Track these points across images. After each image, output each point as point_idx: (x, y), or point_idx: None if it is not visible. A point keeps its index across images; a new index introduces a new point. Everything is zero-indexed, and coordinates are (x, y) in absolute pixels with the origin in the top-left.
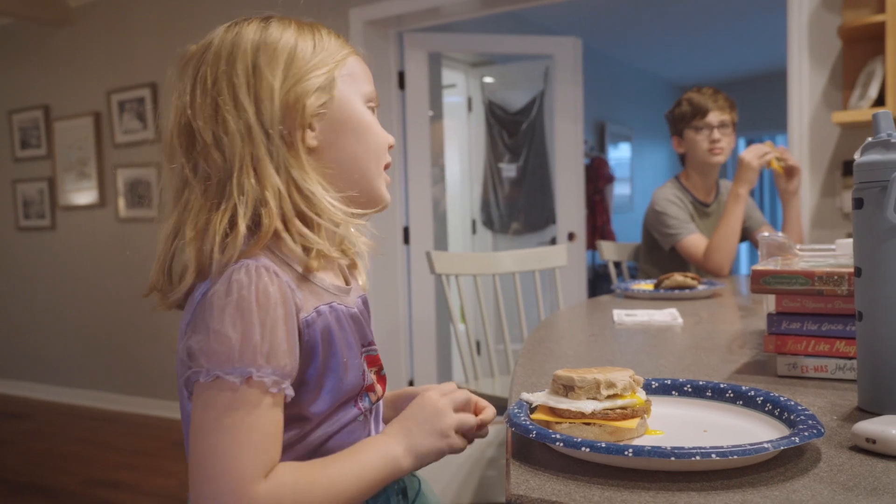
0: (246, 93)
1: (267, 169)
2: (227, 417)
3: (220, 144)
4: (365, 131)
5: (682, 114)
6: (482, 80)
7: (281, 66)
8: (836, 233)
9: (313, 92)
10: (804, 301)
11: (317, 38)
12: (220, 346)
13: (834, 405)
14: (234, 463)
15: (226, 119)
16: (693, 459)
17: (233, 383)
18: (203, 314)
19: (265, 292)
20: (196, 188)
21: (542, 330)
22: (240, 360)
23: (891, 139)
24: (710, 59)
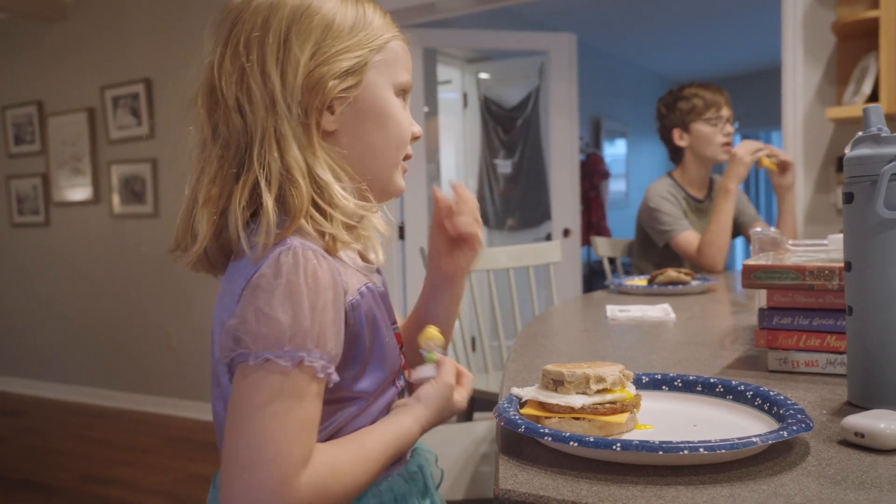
0: (274, 63)
1: (291, 146)
2: (275, 403)
3: (242, 111)
4: (388, 120)
5: (692, 107)
6: (477, 77)
7: (311, 42)
8: (830, 228)
9: (339, 74)
10: (795, 296)
11: (360, 16)
12: (269, 329)
13: (824, 399)
14: (280, 452)
15: (251, 87)
16: (681, 454)
17: (284, 367)
18: (251, 298)
19: (314, 275)
20: (213, 152)
21: (535, 325)
22: (291, 343)
23: (881, 133)
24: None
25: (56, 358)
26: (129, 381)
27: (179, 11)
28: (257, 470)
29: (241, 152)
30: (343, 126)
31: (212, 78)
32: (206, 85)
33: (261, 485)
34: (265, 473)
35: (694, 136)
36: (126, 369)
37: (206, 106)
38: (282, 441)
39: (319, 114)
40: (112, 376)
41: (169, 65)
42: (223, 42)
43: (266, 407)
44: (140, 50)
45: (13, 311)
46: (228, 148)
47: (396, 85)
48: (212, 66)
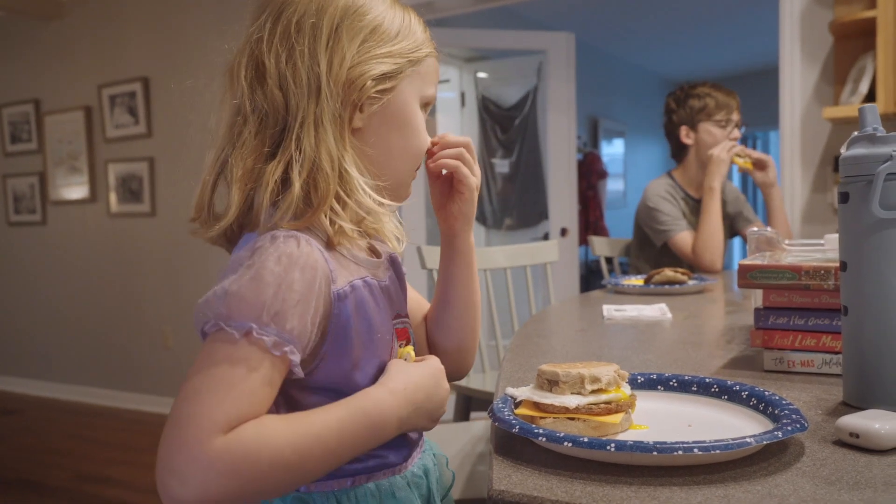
0: (324, 50)
1: (327, 134)
2: (215, 367)
3: (286, 90)
4: (411, 131)
5: (703, 106)
6: (475, 76)
7: (360, 38)
8: (827, 228)
9: (378, 76)
10: (791, 296)
11: (405, 24)
12: (228, 301)
13: (819, 399)
14: (201, 411)
15: (298, 68)
16: (675, 454)
17: (231, 335)
18: (224, 274)
19: (288, 256)
20: (251, 125)
21: (531, 325)
22: (241, 314)
23: (876, 133)
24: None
25: (52, 357)
26: (125, 380)
27: (177, 10)
28: (178, 426)
29: (279, 131)
30: (369, 126)
31: (258, 52)
32: (250, 58)
33: (177, 441)
34: (182, 430)
35: (701, 136)
36: (122, 368)
37: (248, 79)
38: (207, 401)
39: (353, 109)
40: (108, 375)
41: (166, 63)
42: (273, 19)
43: (205, 370)
44: (137, 48)
45: (9, 310)
46: (266, 125)
47: (423, 98)
48: (260, 40)
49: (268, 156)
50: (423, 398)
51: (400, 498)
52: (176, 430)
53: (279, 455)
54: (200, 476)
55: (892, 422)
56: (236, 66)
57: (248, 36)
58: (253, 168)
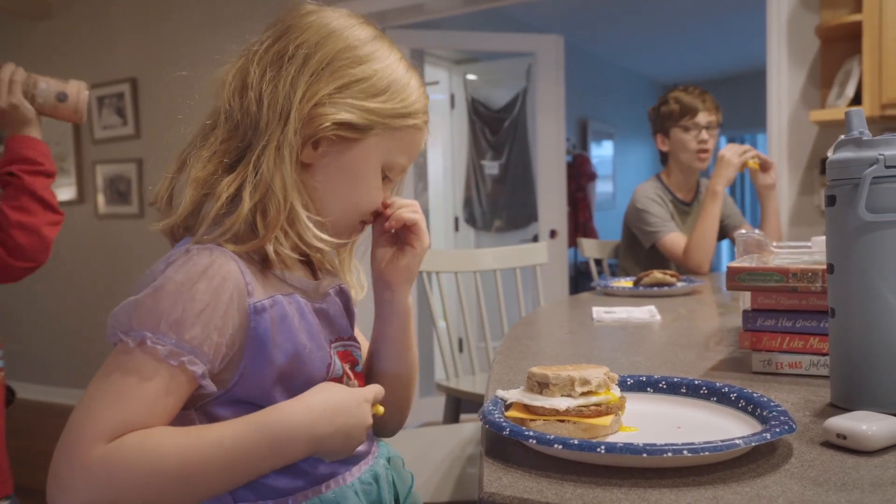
0: (306, 81)
1: (284, 161)
2: (107, 377)
3: (261, 108)
4: (360, 186)
5: (669, 112)
6: (465, 78)
7: (339, 82)
8: (815, 230)
9: (340, 121)
10: (779, 298)
11: (399, 89)
12: (128, 311)
13: (807, 401)
14: (87, 419)
15: (277, 90)
16: (665, 456)
17: (126, 344)
18: (138, 284)
19: (196, 266)
20: (221, 131)
21: (521, 327)
22: (139, 323)
23: (862, 137)
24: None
25: (40, 359)
26: None
27: (165, 11)
28: (65, 433)
29: (244, 147)
30: (319, 165)
31: (250, 65)
32: (241, 68)
33: (61, 447)
34: (66, 437)
35: (672, 142)
36: None
37: (233, 86)
38: (94, 410)
39: (305, 142)
40: None
41: (155, 65)
42: (275, 38)
43: (98, 380)
44: (126, 49)
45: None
46: (235, 136)
47: (387, 164)
48: (255, 53)
49: (227, 167)
50: (342, 421)
51: None
52: (63, 436)
53: (162, 466)
54: (78, 483)
55: (879, 423)
56: (228, 70)
57: (248, 45)
58: (212, 174)
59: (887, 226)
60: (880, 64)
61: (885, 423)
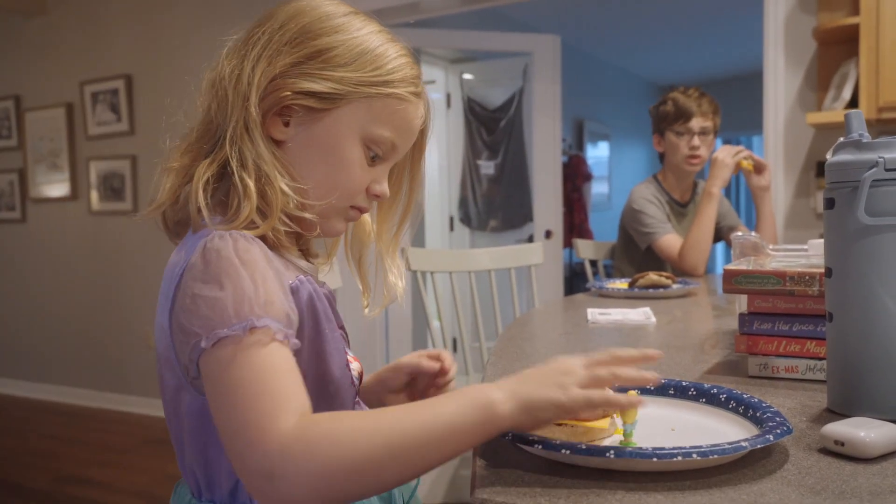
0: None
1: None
2: (234, 371)
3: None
4: (337, 163)
5: (665, 113)
6: (461, 77)
7: (301, 55)
8: (810, 233)
9: (303, 90)
10: (776, 301)
11: (373, 57)
12: (212, 309)
13: (804, 406)
14: (251, 409)
15: (241, 75)
16: (675, 460)
17: (235, 337)
18: (187, 287)
19: (247, 250)
20: (197, 127)
21: (515, 328)
22: (237, 315)
23: (862, 139)
24: (688, 59)
25: (32, 356)
26: (106, 380)
27: (160, 7)
28: (237, 439)
29: (217, 133)
30: (292, 142)
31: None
32: (216, 65)
33: (243, 450)
34: (243, 439)
35: (667, 144)
36: (103, 368)
37: (208, 81)
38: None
39: (266, 115)
40: (89, 375)
41: (149, 61)
42: (246, 31)
43: (228, 376)
44: (120, 45)
45: None
46: (210, 126)
47: (367, 136)
48: (227, 48)
49: (205, 153)
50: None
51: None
52: (237, 440)
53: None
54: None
55: (877, 430)
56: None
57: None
58: (191, 164)
59: (887, 229)
60: (877, 67)
61: (883, 429)
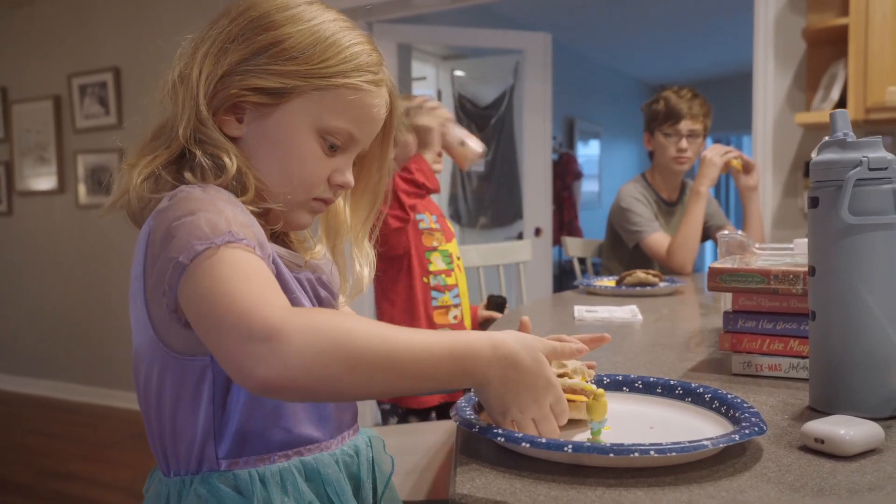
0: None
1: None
2: (218, 268)
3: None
4: (292, 159)
5: (656, 113)
6: (452, 74)
7: (249, 50)
8: (798, 232)
9: (251, 87)
10: (760, 300)
11: (324, 48)
12: (187, 232)
13: (786, 404)
14: (235, 296)
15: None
16: (631, 456)
17: (212, 249)
18: (155, 231)
19: (217, 191)
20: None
21: (502, 324)
22: (213, 231)
23: (846, 139)
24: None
25: (16, 350)
26: (92, 374)
27: (150, 0)
28: (222, 323)
29: (172, 132)
30: (246, 138)
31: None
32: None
33: (230, 332)
34: (229, 320)
35: (656, 143)
36: (90, 362)
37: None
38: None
39: (217, 113)
40: (75, 369)
41: (138, 53)
42: (205, 27)
43: (210, 276)
44: (109, 38)
45: None
46: (164, 126)
47: (321, 128)
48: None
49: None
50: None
51: (326, 475)
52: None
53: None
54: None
55: (857, 428)
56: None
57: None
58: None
59: (870, 229)
60: (865, 68)
61: (862, 427)
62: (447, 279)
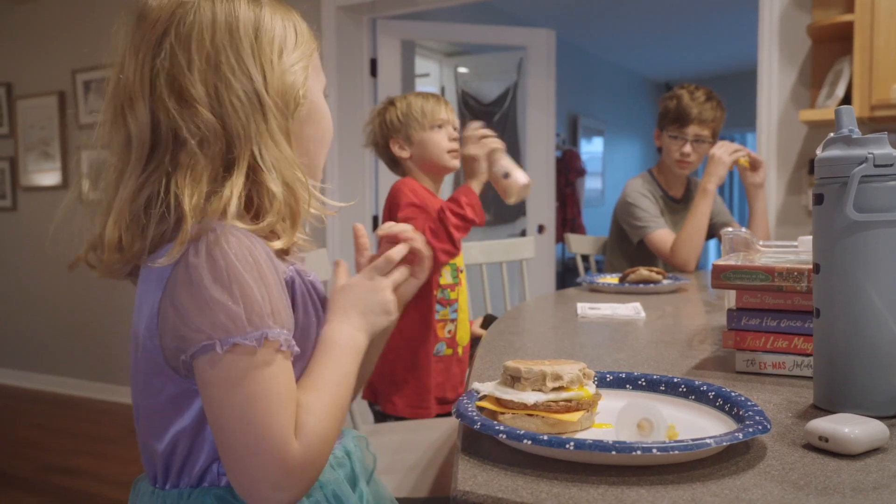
0: (253, 63)
1: (282, 144)
2: (251, 383)
3: (223, 110)
4: (323, 119)
5: (666, 111)
6: (456, 70)
7: (276, 50)
8: (802, 230)
9: (302, 82)
10: (764, 297)
11: (298, 28)
12: (224, 314)
13: (790, 402)
14: (270, 429)
15: (232, 85)
16: (633, 454)
17: (250, 347)
18: (186, 290)
19: (249, 251)
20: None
21: (504, 322)
22: (251, 323)
23: (852, 135)
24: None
25: (19, 345)
26: (95, 369)
27: None
28: (255, 453)
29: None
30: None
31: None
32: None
33: (263, 465)
34: (263, 454)
35: (663, 142)
36: (93, 358)
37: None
38: (267, 420)
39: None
40: (78, 365)
41: None
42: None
43: (242, 389)
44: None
45: None
46: (208, 148)
47: (322, 84)
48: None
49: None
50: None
51: (325, 480)
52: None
53: (329, 427)
54: (297, 478)
55: (861, 426)
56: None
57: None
58: (209, 193)
59: (875, 226)
60: (871, 64)
61: (867, 426)
62: (451, 294)
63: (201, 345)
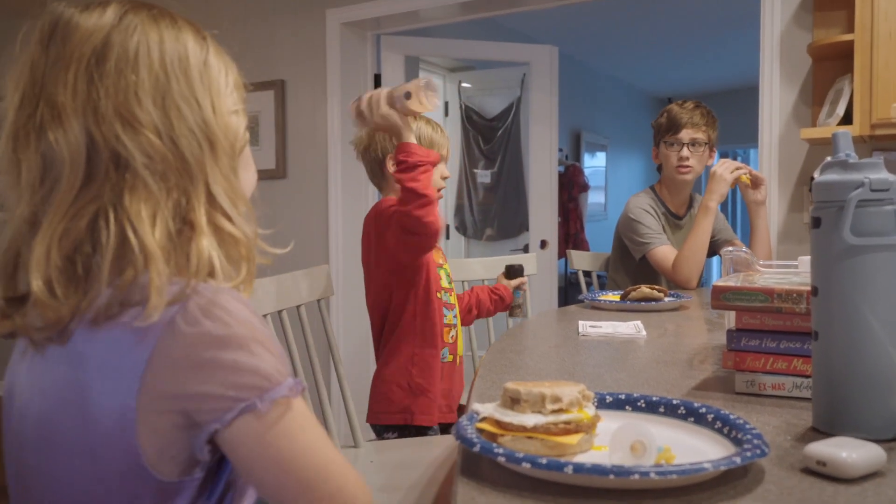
0: (203, 93)
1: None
2: (305, 433)
3: (172, 136)
4: (252, 166)
5: (659, 125)
6: (459, 85)
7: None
8: (803, 247)
9: (244, 124)
10: (763, 318)
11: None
12: (251, 370)
13: (789, 424)
14: (341, 471)
15: (182, 112)
16: (632, 478)
17: (287, 399)
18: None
19: (250, 310)
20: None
21: (506, 340)
22: (280, 375)
23: (848, 160)
24: (685, 71)
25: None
26: None
27: None
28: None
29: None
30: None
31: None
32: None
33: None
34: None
35: (661, 156)
36: None
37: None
38: (335, 463)
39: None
40: None
41: None
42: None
43: (299, 440)
44: None
45: None
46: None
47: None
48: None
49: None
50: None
51: None
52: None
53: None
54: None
55: (859, 450)
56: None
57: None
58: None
59: (872, 250)
60: (871, 83)
61: (865, 450)
62: (450, 297)
63: (236, 405)
